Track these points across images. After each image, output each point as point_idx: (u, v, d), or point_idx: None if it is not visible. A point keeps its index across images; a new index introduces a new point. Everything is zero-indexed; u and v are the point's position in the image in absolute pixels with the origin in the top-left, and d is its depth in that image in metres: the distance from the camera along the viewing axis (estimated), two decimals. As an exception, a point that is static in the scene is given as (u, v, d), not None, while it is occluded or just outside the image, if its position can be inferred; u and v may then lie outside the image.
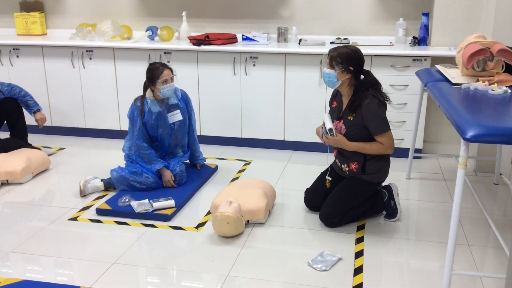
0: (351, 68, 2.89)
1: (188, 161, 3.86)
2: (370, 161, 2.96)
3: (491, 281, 2.48)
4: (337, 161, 3.14)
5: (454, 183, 2.31)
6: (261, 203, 3.03)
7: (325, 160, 3.35)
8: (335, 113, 3.06)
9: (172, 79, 3.49)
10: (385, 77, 4.01)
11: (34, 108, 4.20)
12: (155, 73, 3.45)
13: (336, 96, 3.10)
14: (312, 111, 4.22)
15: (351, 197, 3.00)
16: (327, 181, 3.15)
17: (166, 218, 3.12)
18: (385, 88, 3.99)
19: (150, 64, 3.54)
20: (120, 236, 2.94)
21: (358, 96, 2.90)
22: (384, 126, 2.89)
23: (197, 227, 3.05)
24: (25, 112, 4.27)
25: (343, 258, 2.69)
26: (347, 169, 3.04)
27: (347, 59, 2.89)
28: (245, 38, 4.47)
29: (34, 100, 4.22)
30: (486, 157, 3.83)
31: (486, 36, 3.53)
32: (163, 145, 3.65)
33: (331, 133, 2.95)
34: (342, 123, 2.98)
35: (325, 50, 4.09)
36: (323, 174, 3.24)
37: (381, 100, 2.90)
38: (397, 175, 3.81)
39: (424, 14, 4.16)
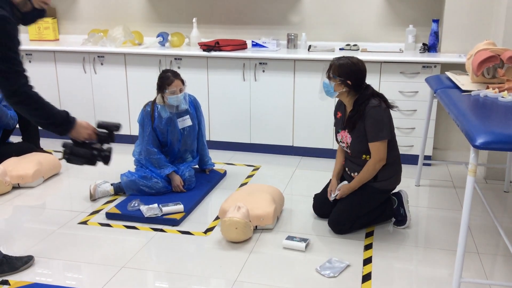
0: (349, 82, 2.85)
1: (197, 166, 3.88)
2: (382, 168, 2.93)
3: (500, 290, 2.46)
4: (346, 169, 3.12)
5: (464, 191, 2.30)
6: (269, 208, 3.04)
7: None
8: (340, 124, 3.04)
9: (181, 90, 3.50)
10: (395, 84, 4.01)
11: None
12: (165, 82, 3.47)
13: (340, 106, 3.08)
14: (321, 117, 4.21)
15: (361, 204, 2.99)
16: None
17: (175, 222, 3.13)
18: (395, 94, 4.01)
19: (163, 71, 3.55)
20: (129, 240, 2.96)
21: (357, 111, 2.86)
22: (382, 132, 2.83)
23: (206, 232, 3.06)
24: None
25: (352, 264, 2.68)
26: (357, 177, 3.04)
27: (346, 72, 2.84)
28: (255, 44, 4.49)
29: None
30: (497, 165, 3.80)
31: (496, 43, 3.52)
32: (172, 150, 3.67)
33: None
34: (347, 132, 2.96)
35: (335, 56, 4.10)
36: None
37: (386, 106, 2.87)
38: (406, 182, 3.80)
39: (434, 20, 4.15)
